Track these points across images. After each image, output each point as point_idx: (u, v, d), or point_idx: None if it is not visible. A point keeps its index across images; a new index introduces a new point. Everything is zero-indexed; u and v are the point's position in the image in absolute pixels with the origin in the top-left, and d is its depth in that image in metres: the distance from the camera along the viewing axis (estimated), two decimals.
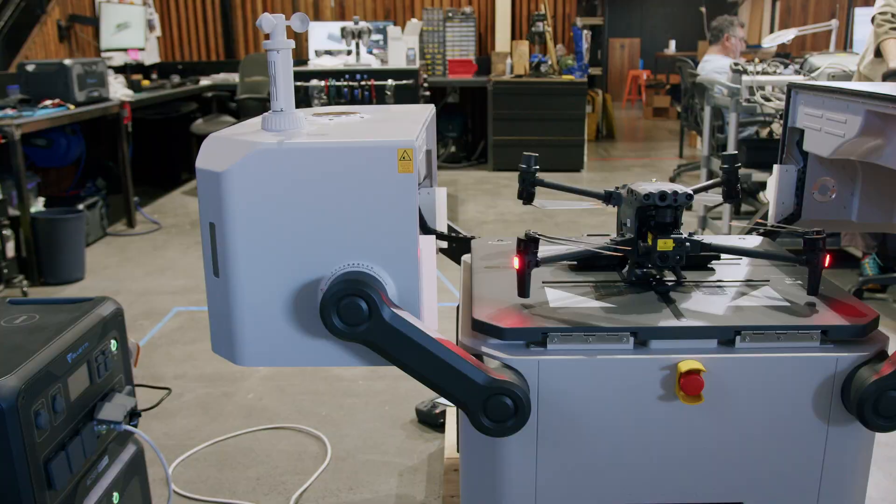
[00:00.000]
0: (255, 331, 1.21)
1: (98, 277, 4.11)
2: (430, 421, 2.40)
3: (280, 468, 2.21)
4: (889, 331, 3.10)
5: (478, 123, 7.85)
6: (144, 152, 6.35)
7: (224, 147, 1.19)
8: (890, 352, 1.27)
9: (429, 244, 1.24)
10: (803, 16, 9.07)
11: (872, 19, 3.52)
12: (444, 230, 1.76)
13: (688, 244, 1.43)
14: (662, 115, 11.65)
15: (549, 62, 7.17)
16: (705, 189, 1.70)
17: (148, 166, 6.49)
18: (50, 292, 3.90)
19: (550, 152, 6.89)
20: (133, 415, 1.66)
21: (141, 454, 1.75)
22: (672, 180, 6.67)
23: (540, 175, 1.63)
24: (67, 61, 4.47)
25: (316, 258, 1.18)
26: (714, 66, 5.25)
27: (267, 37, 1.21)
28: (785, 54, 7.41)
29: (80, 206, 4.51)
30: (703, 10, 10.14)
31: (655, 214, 1.44)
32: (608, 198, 1.59)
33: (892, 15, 3.40)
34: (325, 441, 2.34)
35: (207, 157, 1.19)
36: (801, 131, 1.70)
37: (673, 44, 12.92)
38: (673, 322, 1.29)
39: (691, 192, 1.43)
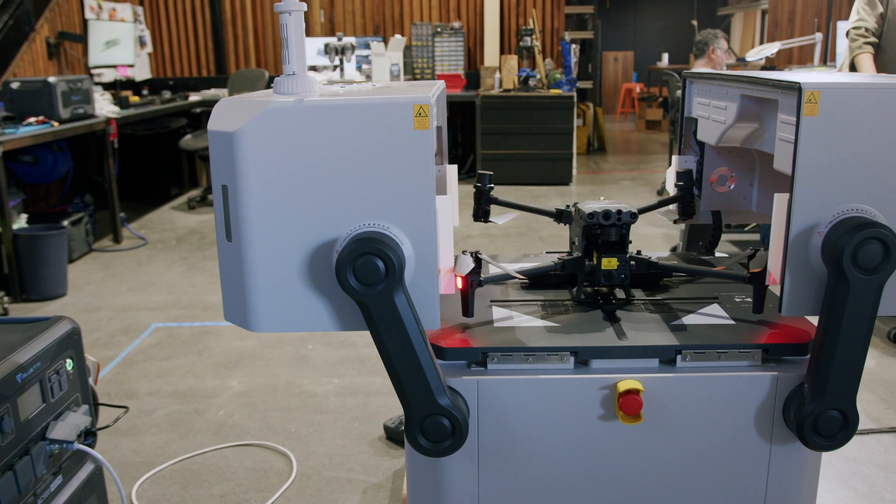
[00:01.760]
0: (268, 295, 1.18)
1: (80, 293, 4.11)
2: (398, 437, 2.39)
3: (245, 486, 2.21)
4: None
5: (467, 137, 7.87)
6: (133, 168, 6.37)
7: (236, 108, 1.16)
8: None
9: (446, 205, 1.20)
10: (790, 29, 9.12)
11: (847, 34, 3.54)
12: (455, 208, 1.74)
13: (633, 263, 1.44)
14: (655, 128, 11.68)
15: (538, 76, 7.20)
16: (657, 207, 1.71)
17: (137, 182, 6.51)
18: (32, 308, 3.90)
19: (539, 166, 6.91)
20: (88, 434, 1.66)
21: (99, 473, 1.75)
22: (659, 193, 6.68)
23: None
24: (52, 79, 4.49)
25: (331, 219, 1.15)
26: None
27: None
28: (771, 67, 7.45)
29: (65, 223, 4.52)
30: (695, 23, 10.21)
31: (601, 233, 1.45)
32: (559, 216, 1.61)
33: (866, 29, 3.42)
34: (292, 458, 2.34)
35: (219, 119, 1.16)
36: (696, 121, 1.70)
37: (666, 57, 13.01)
38: (614, 341, 1.29)
39: (636, 211, 1.43)
